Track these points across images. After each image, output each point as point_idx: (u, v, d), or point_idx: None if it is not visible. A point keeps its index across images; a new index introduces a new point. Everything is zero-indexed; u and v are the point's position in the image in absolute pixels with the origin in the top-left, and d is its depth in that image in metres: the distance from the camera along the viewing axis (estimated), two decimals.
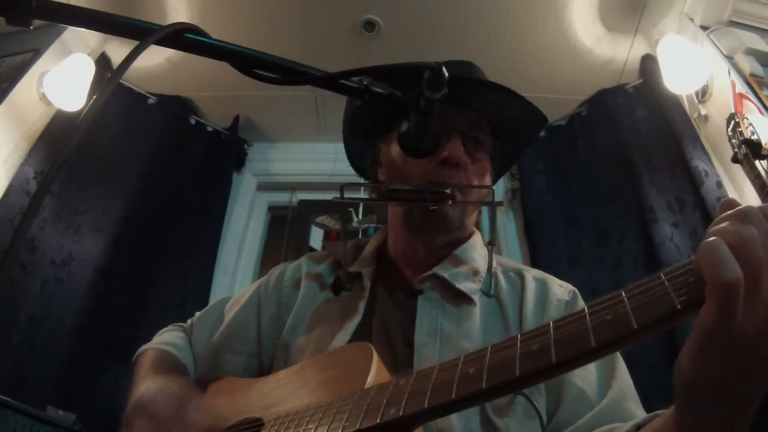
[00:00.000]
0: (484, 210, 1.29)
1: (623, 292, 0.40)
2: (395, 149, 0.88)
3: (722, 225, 0.38)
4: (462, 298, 0.79)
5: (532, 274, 0.86)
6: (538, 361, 0.41)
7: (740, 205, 0.39)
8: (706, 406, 0.40)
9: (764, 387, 0.39)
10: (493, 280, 0.83)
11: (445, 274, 0.81)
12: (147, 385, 0.70)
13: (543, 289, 0.83)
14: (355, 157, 1.01)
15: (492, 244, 0.86)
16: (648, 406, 0.67)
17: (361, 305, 0.81)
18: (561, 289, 0.84)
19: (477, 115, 0.87)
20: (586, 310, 0.41)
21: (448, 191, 0.80)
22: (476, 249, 0.89)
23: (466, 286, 0.80)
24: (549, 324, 0.43)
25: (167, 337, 0.93)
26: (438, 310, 0.78)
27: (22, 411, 1.08)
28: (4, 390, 1.16)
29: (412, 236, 0.89)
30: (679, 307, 0.36)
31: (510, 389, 0.42)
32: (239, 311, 0.92)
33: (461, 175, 0.83)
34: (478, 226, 0.98)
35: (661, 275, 0.39)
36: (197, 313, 0.98)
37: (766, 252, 0.36)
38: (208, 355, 0.90)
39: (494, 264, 0.85)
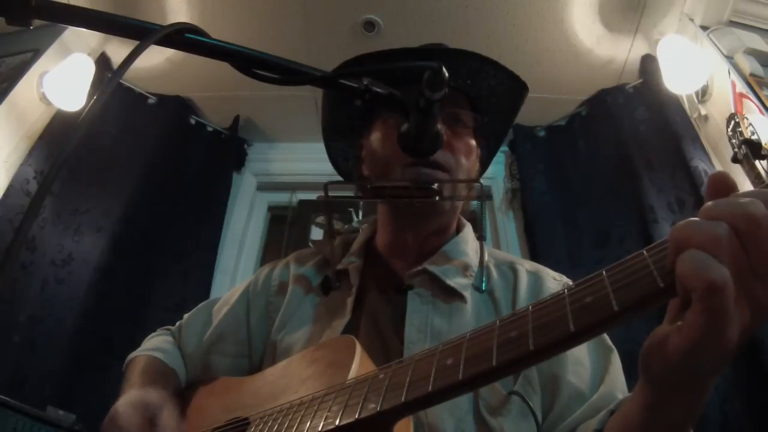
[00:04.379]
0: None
1: (604, 272, 0.38)
2: (375, 140, 0.87)
3: (692, 228, 0.35)
4: (453, 295, 0.78)
5: (525, 267, 0.84)
6: (515, 350, 0.39)
7: (730, 179, 0.37)
8: (671, 388, 0.40)
9: (722, 367, 0.38)
10: (485, 275, 0.81)
11: (436, 270, 0.80)
12: (124, 398, 0.71)
13: (536, 282, 0.81)
14: (338, 159, 1.00)
15: (482, 237, 0.85)
16: None
17: (349, 302, 0.80)
18: (555, 282, 0.82)
19: (452, 89, 0.82)
20: (566, 292, 0.40)
21: (434, 187, 0.78)
22: (468, 243, 0.88)
23: (456, 282, 0.79)
24: (528, 308, 0.41)
25: (155, 343, 0.92)
26: (428, 306, 0.77)
27: (22, 411, 1.08)
28: (4, 390, 1.16)
29: (401, 226, 0.87)
30: (662, 285, 0.34)
31: (488, 380, 0.41)
32: (228, 312, 0.91)
33: (446, 155, 0.80)
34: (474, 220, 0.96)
35: (644, 251, 0.37)
36: (185, 315, 0.98)
37: (743, 240, 0.32)
38: (198, 358, 0.89)
39: (486, 257, 0.84)
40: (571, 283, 0.81)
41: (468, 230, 0.91)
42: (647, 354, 0.39)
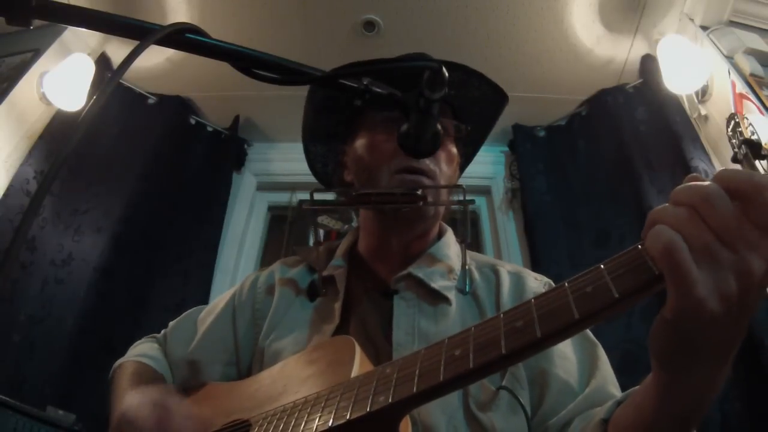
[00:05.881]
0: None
1: (602, 265, 0.40)
2: (361, 147, 0.88)
3: (659, 211, 0.40)
4: (438, 298, 0.79)
5: (506, 268, 0.87)
6: (523, 337, 0.41)
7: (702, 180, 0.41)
8: (682, 366, 0.42)
9: (739, 339, 0.40)
10: (468, 277, 0.83)
11: (420, 274, 0.81)
12: (129, 398, 0.70)
13: (519, 282, 0.83)
14: (316, 164, 1.01)
15: (465, 241, 0.87)
16: None
17: (337, 308, 0.81)
18: (536, 282, 0.85)
19: None
20: (567, 285, 0.41)
21: (419, 192, 0.80)
22: (450, 247, 0.89)
23: (441, 285, 0.80)
24: (530, 301, 0.43)
25: (142, 349, 0.91)
26: (414, 309, 0.78)
27: (22, 411, 1.08)
28: (4, 390, 1.16)
29: (386, 231, 0.88)
30: (657, 272, 0.36)
31: (497, 367, 0.43)
32: (214, 321, 0.91)
33: (430, 162, 0.82)
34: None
35: (639, 245, 0.39)
36: (170, 323, 0.97)
37: (706, 220, 0.37)
38: (185, 366, 0.88)
39: (468, 260, 0.85)
40: (551, 282, 0.84)
41: (449, 235, 0.93)
42: (650, 333, 0.41)
